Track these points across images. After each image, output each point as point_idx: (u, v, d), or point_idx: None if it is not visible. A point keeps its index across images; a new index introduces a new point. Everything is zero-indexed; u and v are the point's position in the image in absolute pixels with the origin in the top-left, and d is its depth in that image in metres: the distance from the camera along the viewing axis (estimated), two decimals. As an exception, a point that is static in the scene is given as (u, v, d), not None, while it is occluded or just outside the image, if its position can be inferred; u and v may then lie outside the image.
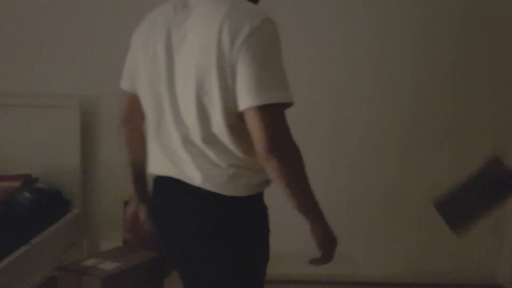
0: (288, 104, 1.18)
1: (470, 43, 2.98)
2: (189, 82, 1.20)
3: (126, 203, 2.88)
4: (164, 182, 1.34)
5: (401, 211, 3.08)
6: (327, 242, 1.34)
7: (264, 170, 1.22)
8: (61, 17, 2.93)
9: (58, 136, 2.87)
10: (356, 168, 3.03)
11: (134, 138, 1.45)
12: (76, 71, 2.96)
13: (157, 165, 1.35)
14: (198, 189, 1.25)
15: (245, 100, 1.14)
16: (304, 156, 1.22)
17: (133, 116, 1.44)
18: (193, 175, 1.25)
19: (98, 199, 3.04)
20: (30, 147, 2.87)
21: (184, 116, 1.24)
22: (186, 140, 1.25)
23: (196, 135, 1.23)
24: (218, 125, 1.20)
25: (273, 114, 1.15)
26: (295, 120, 1.28)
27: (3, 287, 2.06)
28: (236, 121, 1.19)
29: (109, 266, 2.44)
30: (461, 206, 1.62)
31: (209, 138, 1.22)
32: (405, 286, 3.04)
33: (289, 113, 1.21)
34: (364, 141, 3.00)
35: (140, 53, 1.33)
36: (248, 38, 1.13)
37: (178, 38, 1.23)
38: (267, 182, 1.30)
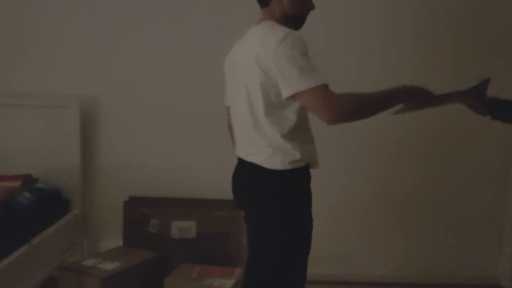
0: (322, 85, 1.51)
1: (470, 44, 2.98)
2: (243, 88, 1.67)
3: (126, 203, 2.89)
4: (238, 158, 1.83)
5: (401, 211, 3.08)
6: (421, 100, 1.70)
7: (293, 151, 1.61)
8: (62, 17, 2.93)
9: (58, 136, 2.87)
10: (356, 168, 3.03)
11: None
12: (76, 71, 2.96)
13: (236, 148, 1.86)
14: (249, 163, 1.70)
15: (284, 91, 1.54)
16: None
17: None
18: (247, 153, 1.73)
19: (98, 199, 3.04)
20: (30, 147, 2.87)
21: (242, 113, 1.69)
22: (243, 128, 1.72)
23: (248, 124, 1.66)
24: (260, 115, 1.62)
25: (308, 97, 1.52)
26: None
27: (3, 287, 2.06)
28: (272, 110, 1.60)
29: (109, 266, 2.44)
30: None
31: (256, 125, 1.64)
32: (405, 286, 3.04)
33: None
34: (364, 141, 3.00)
35: (226, 77, 1.85)
36: (275, 49, 1.53)
37: (239, 60, 1.72)
38: (298, 161, 1.63)
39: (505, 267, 3.09)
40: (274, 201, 1.64)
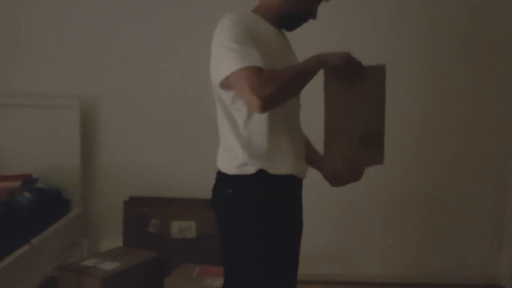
0: (249, 67, 1.29)
1: (477, 44, 2.98)
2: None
3: (126, 203, 2.89)
4: None
5: (401, 211, 3.08)
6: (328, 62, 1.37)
7: (241, 153, 1.39)
8: (61, 17, 2.93)
9: (58, 136, 2.87)
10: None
11: None
12: (76, 71, 2.96)
13: None
14: None
15: (216, 80, 1.39)
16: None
17: None
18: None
19: (98, 199, 3.04)
20: (30, 147, 2.87)
21: None
22: None
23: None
24: (218, 106, 1.47)
25: (233, 80, 1.31)
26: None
27: (3, 287, 2.06)
28: (223, 101, 1.42)
29: (109, 266, 2.44)
30: None
31: (219, 119, 1.48)
32: (405, 286, 3.04)
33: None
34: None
35: None
36: (215, 31, 1.40)
37: None
38: (245, 166, 1.40)
39: (505, 267, 3.09)
40: (224, 212, 1.46)
